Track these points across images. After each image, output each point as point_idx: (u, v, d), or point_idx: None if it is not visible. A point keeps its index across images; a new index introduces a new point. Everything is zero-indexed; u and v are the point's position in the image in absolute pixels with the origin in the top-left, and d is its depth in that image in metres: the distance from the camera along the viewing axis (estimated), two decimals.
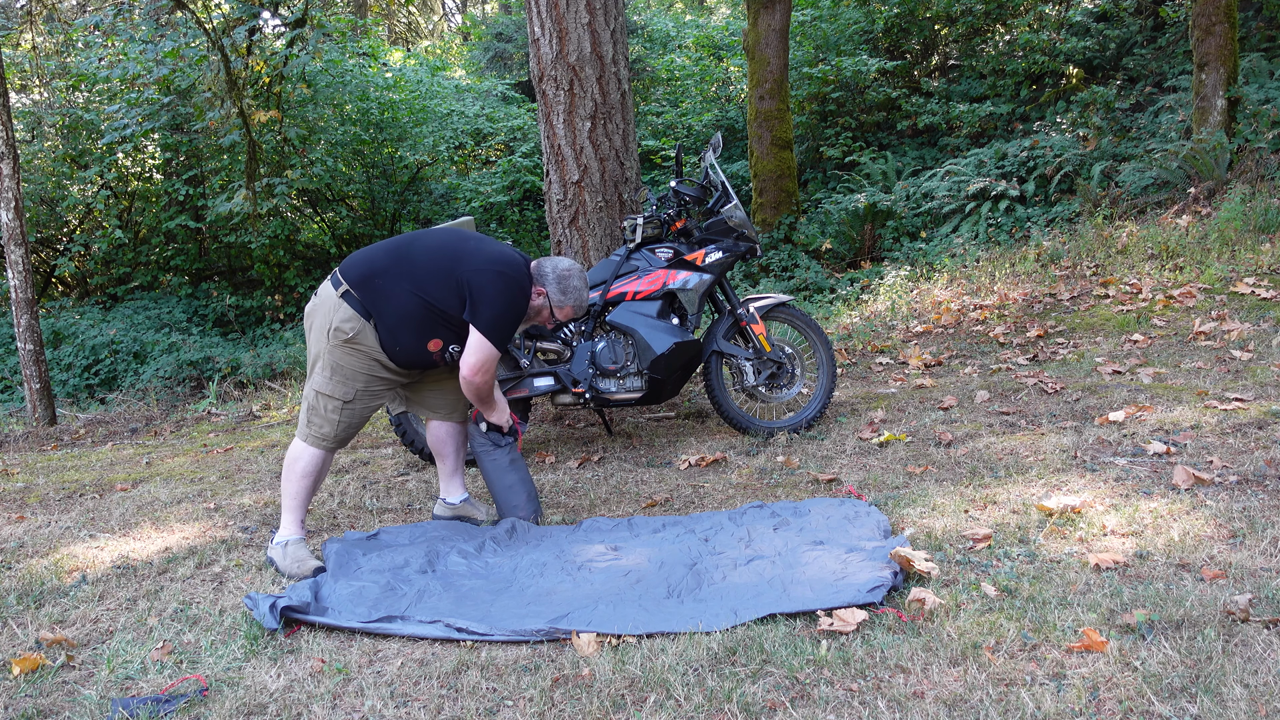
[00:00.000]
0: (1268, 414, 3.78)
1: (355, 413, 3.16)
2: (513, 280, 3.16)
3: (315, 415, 3.14)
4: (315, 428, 3.14)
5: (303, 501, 3.16)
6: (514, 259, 3.24)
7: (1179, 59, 9.69)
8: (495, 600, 2.67)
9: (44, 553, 3.42)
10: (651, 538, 3.07)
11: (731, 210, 4.37)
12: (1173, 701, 1.95)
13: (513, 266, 3.20)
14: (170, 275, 10.79)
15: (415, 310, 3.09)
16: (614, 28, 4.77)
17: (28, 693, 2.31)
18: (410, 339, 3.12)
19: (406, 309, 3.09)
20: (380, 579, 2.81)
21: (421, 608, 2.62)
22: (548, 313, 3.36)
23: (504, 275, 3.14)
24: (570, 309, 3.38)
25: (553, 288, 3.31)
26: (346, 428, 3.16)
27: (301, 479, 3.15)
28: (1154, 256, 6.76)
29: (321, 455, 3.16)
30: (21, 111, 11.17)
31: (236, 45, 8.48)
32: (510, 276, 3.16)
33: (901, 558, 2.62)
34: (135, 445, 5.84)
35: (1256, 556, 2.56)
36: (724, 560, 2.79)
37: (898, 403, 4.77)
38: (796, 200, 9.54)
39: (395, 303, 3.08)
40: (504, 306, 3.13)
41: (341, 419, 3.13)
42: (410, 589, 2.75)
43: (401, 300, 3.09)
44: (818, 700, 2.06)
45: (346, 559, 2.99)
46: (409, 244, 3.23)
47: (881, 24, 11.56)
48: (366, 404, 3.18)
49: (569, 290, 3.33)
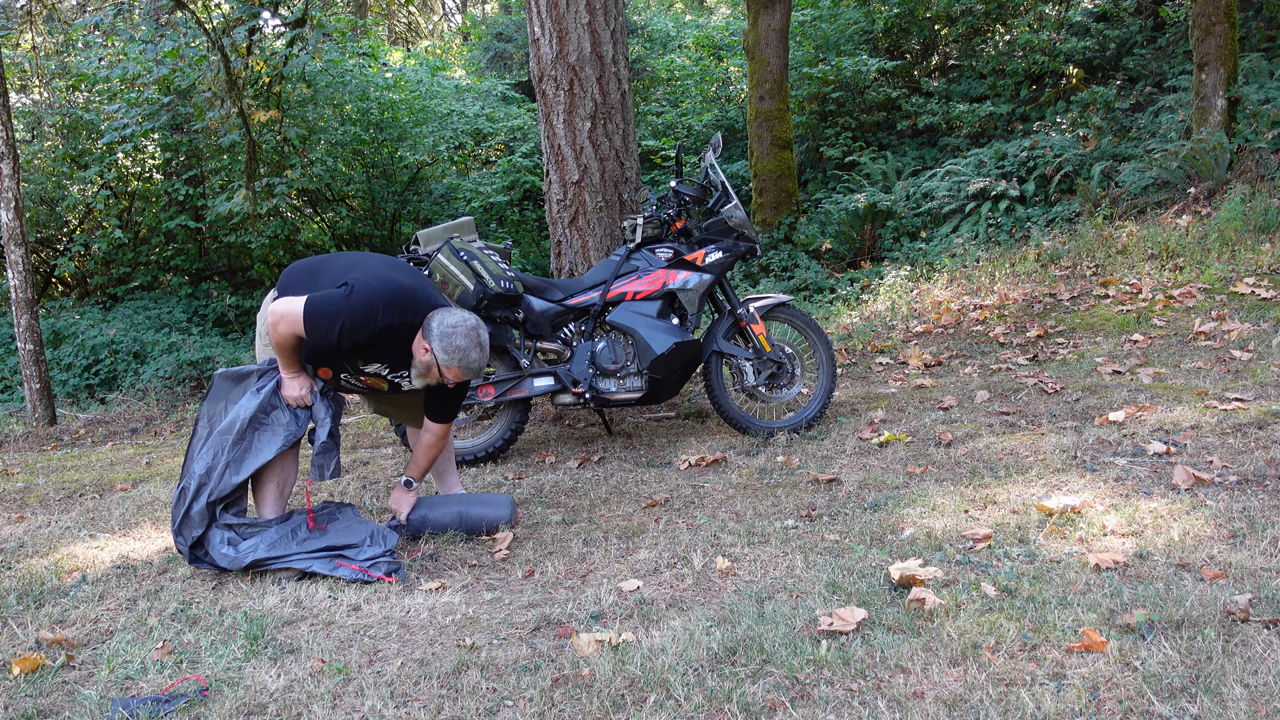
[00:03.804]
0: (1268, 414, 3.77)
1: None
2: (369, 297, 2.89)
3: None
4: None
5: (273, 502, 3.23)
6: (402, 290, 2.97)
7: (1179, 59, 9.69)
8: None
9: (44, 553, 3.42)
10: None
11: (731, 210, 4.37)
12: (1173, 701, 1.95)
13: (391, 293, 2.93)
14: (170, 275, 10.79)
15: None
16: (614, 28, 4.77)
17: (28, 693, 2.31)
18: (304, 358, 3.06)
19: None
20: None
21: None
22: (436, 371, 2.99)
23: (370, 289, 2.92)
24: (458, 370, 2.97)
25: (435, 344, 2.94)
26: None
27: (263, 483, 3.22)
28: (1154, 256, 6.76)
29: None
30: (21, 111, 11.17)
31: (236, 45, 8.48)
32: (373, 294, 2.90)
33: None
34: (135, 445, 5.84)
35: (1256, 556, 2.56)
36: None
37: (898, 403, 4.77)
38: (796, 200, 9.54)
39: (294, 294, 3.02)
40: (337, 302, 2.87)
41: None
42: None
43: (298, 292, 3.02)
44: (818, 700, 2.06)
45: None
46: (335, 255, 3.20)
47: (881, 24, 11.56)
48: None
49: (451, 350, 2.93)
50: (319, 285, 3.01)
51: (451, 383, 3.06)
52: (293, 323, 2.89)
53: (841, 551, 2.91)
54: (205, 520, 3.00)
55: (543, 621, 2.58)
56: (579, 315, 4.28)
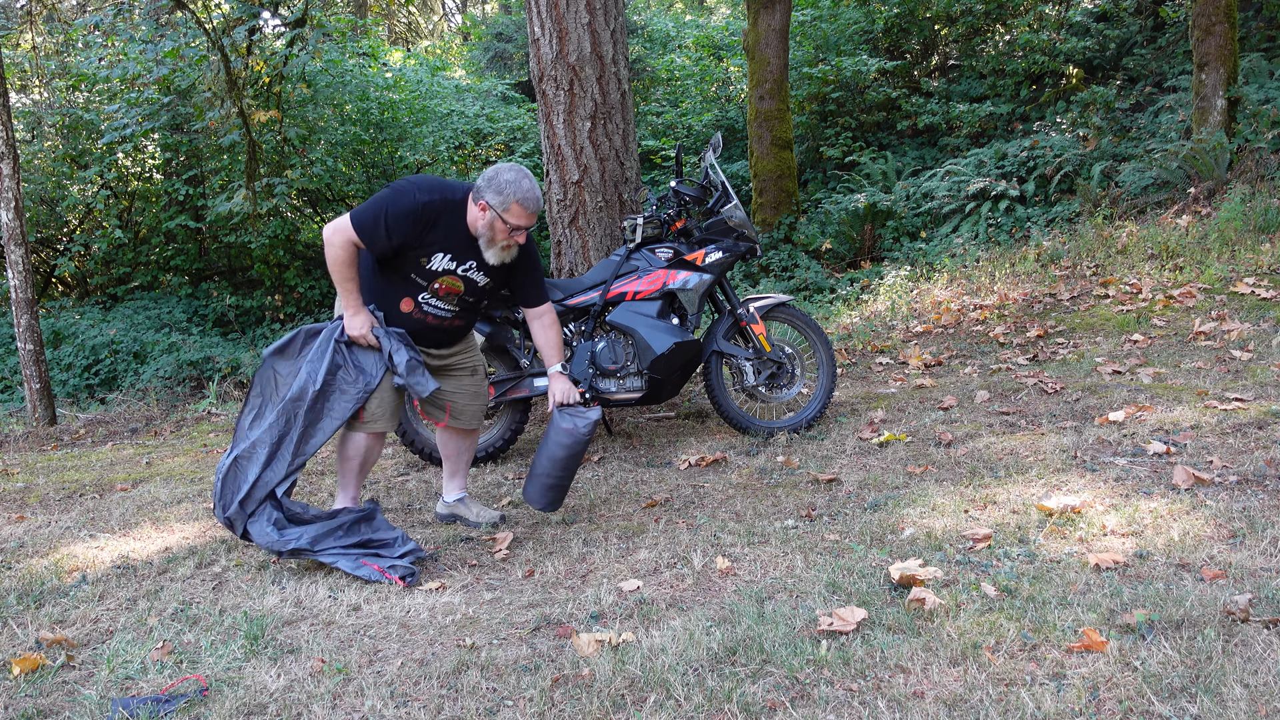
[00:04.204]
0: (1268, 414, 3.77)
1: (382, 394, 3.20)
2: (405, 184, 3.09)
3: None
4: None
5: (352, 481, 3.30)
6: (435, 180, 3.17)
7: (1179, 59, 9.69)
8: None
9: (44, 553, 3.42)
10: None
11: (731, 210, 4.37)
12: (1173, 701, 1.95)
13: (423, 180, 3.13)
14: (170, 275, 10.80)
15: (367, 273, 3.17)
16: (614, 28, 4.77)
17: (28, 693, 2.31)
18: (383, 304, 3.17)
19: (366, 277, 3.17)
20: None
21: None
22: (500, 224, 3.04)
23: (403, 181, 3.12)
24: (517, 206, 3.01)
25: (489, 193, 3.01)
26: (376, 409, 3.20)
27: (344, 461, 3.29)
28: (1154, 256, 6.76)
29: (358, 437, 3.25)
30: (21, 111, 11.18)
31: (236, 45, 8.48)
32: (408, 182, 3.10)
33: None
34: (135, 445, 5.84)
35: (1256, 556, 2.56)
36: None
37: (898, 403, 4.77)
38: (796, 200, 9.54)
39: (363, 275, 3.17)
40: (378, 196, 3.07)
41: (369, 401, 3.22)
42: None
43: (363, 270, 3.16)
44: (818, 700, 2.06)
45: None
46: None
47: (881, 24, 11.56)
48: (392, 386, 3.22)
49: (503, 188, 2.99)
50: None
51: (518, 228, 3.06)
52: (343, 230, 3.01)
53: (841, 551, 2.91)
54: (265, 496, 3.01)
55: (543, 621, 2.58)
56: (579, 315, 4.28)
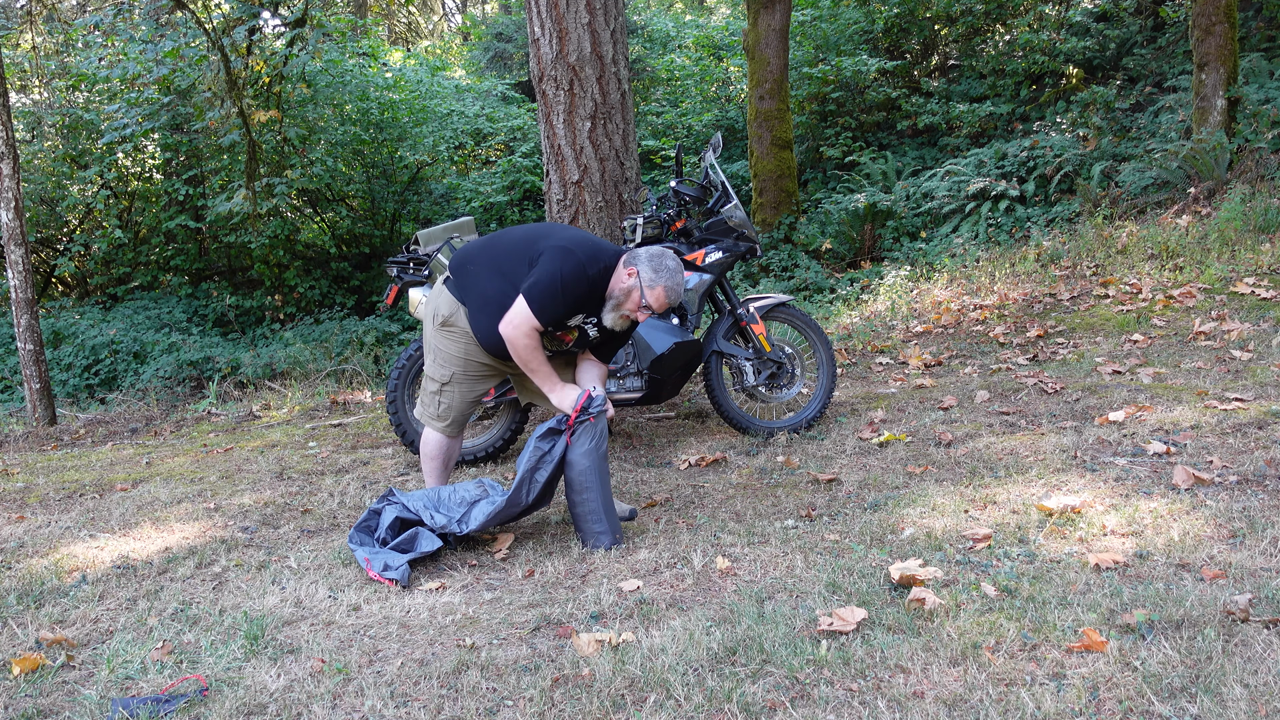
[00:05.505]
0: (1268, 414, 3.78)
1: (455, 395, 3.32)
2: (571, 254, 3.10)
3: (425, 397, 3.43)
4: (425, 408, 3.44)
5: (437, 480, 3.49)
6: (589, 241, 3.22)
7: (1179, 59, 9.69)
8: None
9: (44, 553, 3.42)
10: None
11: (731, 210, 4.37)
12: (1173, 701, 1.95)
13: (583, 245, 3.15)
14: (170, 275, 10.79)
15: (494, 291, 3.20)
16: (614, 28, 4.77)
17: (28, 693, 2.31)
18: (487, 320, 3.21)
19: (488, 291, 3.21)
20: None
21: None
22: (638, 294, 3.13)
23: (567, 250, 3.13)
24: (662, 291, 3.11)
25: (644, 266, 3.12)
26: (448, 409, 3.34)
27: (428, 460, 3.47)
28: (1154, 256, 6.76)
29: (439, 437, 3.39)
30: (21, 111, 11.17)
31: (236, 45, 8.47)
32: (572, 252, 3.11)
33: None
34: (135, 445, 5.83)
35: (1256, 556, 2.56)
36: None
37: (898, 403, 4.77)
38: (796, 200, 9.54)
39: (480, 285, 3.23)
40: (550, 273, 3.08)
41: (442, 400, 3.34)
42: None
43: (485, 282, 3.22)
44: (818, 700, 2.06)
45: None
46: (504, 232, 3.40)
47: (881, 24, 11.56)
48: (467, 387, 3.33)
49: (661, 270, 3.11)
50: (508, 273, 3.18)
51: (649, 307, 3.14)
52: (524, 322, 3.08)
53: (841, 551, 2.91)
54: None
55: (543, 621, 2.58)
56: None
